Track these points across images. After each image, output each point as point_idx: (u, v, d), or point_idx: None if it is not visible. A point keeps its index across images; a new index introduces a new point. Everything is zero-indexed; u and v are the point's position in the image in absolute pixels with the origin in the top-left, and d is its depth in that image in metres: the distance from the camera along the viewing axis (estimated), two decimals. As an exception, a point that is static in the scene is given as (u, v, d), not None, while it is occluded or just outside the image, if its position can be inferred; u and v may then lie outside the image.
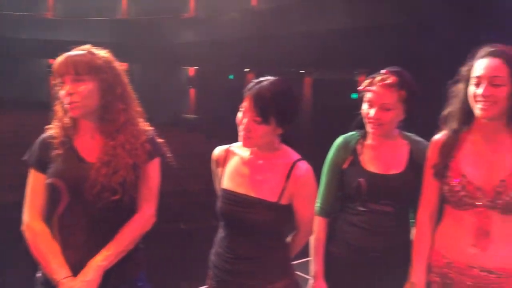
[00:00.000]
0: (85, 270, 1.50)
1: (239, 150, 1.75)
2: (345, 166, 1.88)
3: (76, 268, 1.50)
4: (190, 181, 6.64)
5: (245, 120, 1.61)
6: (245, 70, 14.53)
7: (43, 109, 1.60)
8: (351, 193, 1.85)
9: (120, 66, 1.63)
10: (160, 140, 1.71)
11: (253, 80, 1.64)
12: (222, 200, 1.69)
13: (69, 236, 1.54)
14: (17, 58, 15.87)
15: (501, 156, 1.65)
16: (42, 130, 1.62)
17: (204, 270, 1.80)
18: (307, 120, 11.15)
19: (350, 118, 1.99)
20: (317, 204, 1.89)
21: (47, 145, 1.56)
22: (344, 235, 1.87)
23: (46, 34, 14.46)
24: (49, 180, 1.53)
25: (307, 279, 1.94)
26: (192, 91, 17.00)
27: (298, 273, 1.86)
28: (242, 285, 1.66)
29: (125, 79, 1.64)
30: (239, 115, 1.63)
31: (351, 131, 1.96)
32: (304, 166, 1.67)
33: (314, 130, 9.89)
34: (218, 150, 1.79)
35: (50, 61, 17.05)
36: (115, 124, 1.59)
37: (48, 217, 1.56)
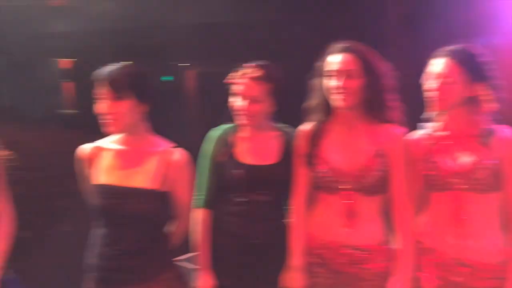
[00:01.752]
0: None
1: (109, 144, 1.74)
2: (220, 158, 1.92)
3: None
4: (71, 181, 6.25)
5: (104, 104, 1.61)
6: (125, 62, 13.93)
7: None
8: (228, 185, 1.90)
9: None
10: None
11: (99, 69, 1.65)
12: (100, 196, 1.66)
13: None
14: None
15: (360, 142, 1.81)
16: None
17: (72, 275, 1.73)
18: (191, 113, 11.11)
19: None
20: (198, 197, 1.91)
21: None
22: (226, 225, 1.92)
23: None
24: None
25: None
26: (67, 85, 15.89)
27: (188, 265, 1.87)
28: (127, 281, 1.66)
29: None
30: (97, 105, 1.63)
31: (223, 123, 2.00)
32: (181, 152, 1.73)
33: (199, 123, 9.87)
34: (84, 149, 1.76)
35: None
36: None
37: None
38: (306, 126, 1.89)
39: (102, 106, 1.62)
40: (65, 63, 15.16)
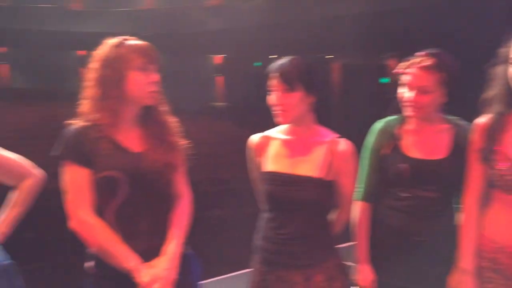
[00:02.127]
0: (163, 258, 1.54)
1: (277, 134, 1.79)
2: (385, 151, 1.85)
3: (142, 256, 1.52)
4: (221, 169, 6.70)
5: (275, 96, 1.66)
6: (272, 56, 14.41)
7: (74, 100, 1.59)
8: (392, 179, 1.83)
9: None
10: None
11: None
12: (269, 183, 1.73)
13: (130, 226, 1.55)
14: (44, 50, 16.19)
15: None
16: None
17: (238, 254, 1.82)
18: (335, 105, 11.06)
19: (380, 103, 1.96)
20: (359, 189, 1.88)
21: (83, 138, 1.53)
22: (387, 220, 1.85)
23: (72, 26, 14.65)
24: (105, 173, 1.52)
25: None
26: (219, 79, 17.06)
27: (347, 262, 1.86)
28: (295, 266, 1.70)
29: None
30: (269, 97, 1.69)
31: (388, 115, 1.92)
32: (347, 142, 1.73)
33: (344, 116, 9.79)
34: (255, 138, 1.83)
35: (78, 52, 17.47)
36: (152, 113, 1.64)
37: (98, 210, 1.55)
38: (484, 119, 1.72)
39: (273, 97, 1.68)
40: (218, 59, 16.38)
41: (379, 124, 1.91)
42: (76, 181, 1.53)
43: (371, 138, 1.90)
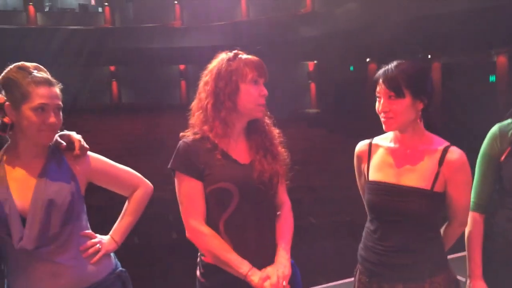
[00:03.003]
0: (277, 265, 1.59)
1: (383, 142, 1.73)
2: (502, 158, 1.70)
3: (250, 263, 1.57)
4: (314, 176, 6.64)
5: (381, 102, 1.60)
6: (366, 60, 14.10)
7: (176, 111, 1.67)
8: (510, 187, 1.68)
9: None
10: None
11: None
12: (372, 192, 1.67)
13: (239, 235, 1.60)
14: (151, 66, 17.38)
15: None
16: (177, 131, 1.68)
17: (332, 264, 1.76)
18: (437, 107, 10.47)
19: (489, 104, 1.80)
20: (472, 199, 1.74)
21: (196, 152, 1.59)
22: (506, 233, 1.70)
23: (175, 42, 15.54)
24: (218, 185, 1.58)
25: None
26: (312, 86, 17.04)
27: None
28: (398, 278, 1.62)
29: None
30: (377, 104, 1.63)
31: (507, 118, 1.76)
32: (457, 151, 1.60)
33: (447, 119, 9.23)
34: (360, 145, 1.78)
35: (179, 66, 18.46)
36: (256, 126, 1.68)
37: (210, 220, 1.61)
38: None
39: (379, 104, 1.63)
40: (310, 65, 16.45)
41: (495, 129, 1.75)
42: (188, 192, 1.60)
43: (486, 144, 1.75)
